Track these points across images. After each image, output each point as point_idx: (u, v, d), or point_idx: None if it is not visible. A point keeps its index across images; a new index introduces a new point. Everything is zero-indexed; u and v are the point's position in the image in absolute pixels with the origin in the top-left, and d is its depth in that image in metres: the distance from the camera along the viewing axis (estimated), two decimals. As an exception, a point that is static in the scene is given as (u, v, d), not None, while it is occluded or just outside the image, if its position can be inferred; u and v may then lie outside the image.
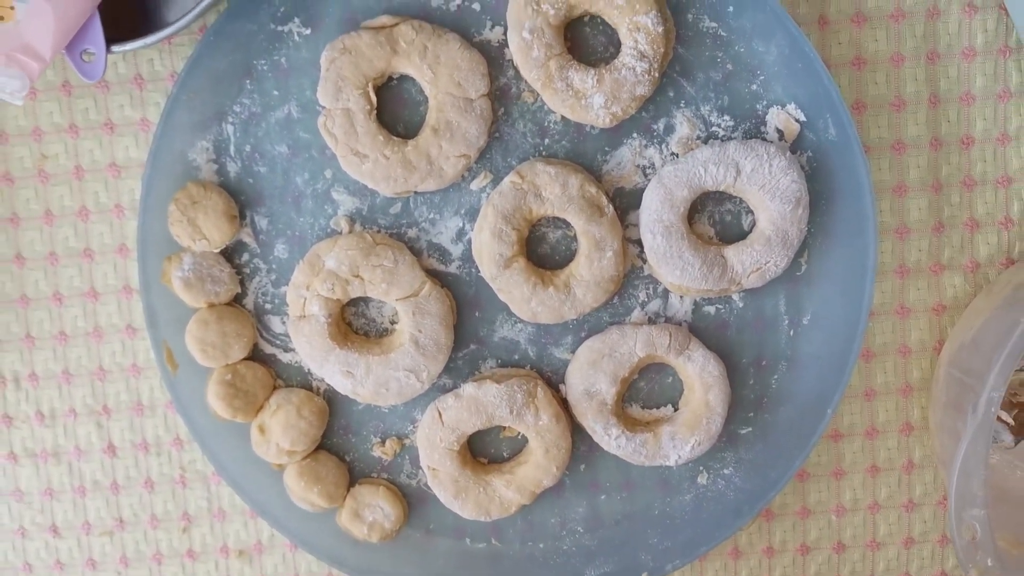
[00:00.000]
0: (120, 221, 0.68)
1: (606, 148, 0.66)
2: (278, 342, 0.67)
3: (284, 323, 0.67)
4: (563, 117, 0.65)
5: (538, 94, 0.65)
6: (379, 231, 0.66)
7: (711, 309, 0.67)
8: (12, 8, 0.58)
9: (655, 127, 0.66)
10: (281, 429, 0.66)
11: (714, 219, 0.66)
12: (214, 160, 0.65)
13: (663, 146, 0.66)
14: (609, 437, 0.66)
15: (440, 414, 0.66)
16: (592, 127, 0.66)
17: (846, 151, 0.65)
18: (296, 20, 0.64)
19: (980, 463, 0.57)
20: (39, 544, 0.70)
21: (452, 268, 0.67)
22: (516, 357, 0.67)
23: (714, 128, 0.66)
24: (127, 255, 0.68)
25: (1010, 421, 0.64)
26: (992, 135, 0.68)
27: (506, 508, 0.67)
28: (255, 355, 0.67)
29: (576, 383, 0.66)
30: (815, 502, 0.71)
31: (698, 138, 0.66)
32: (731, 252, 0.65)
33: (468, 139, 0.64)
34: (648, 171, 0.66)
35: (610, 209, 0.64)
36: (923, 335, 0.70)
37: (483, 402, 0.65)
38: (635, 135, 0.66)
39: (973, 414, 0.57)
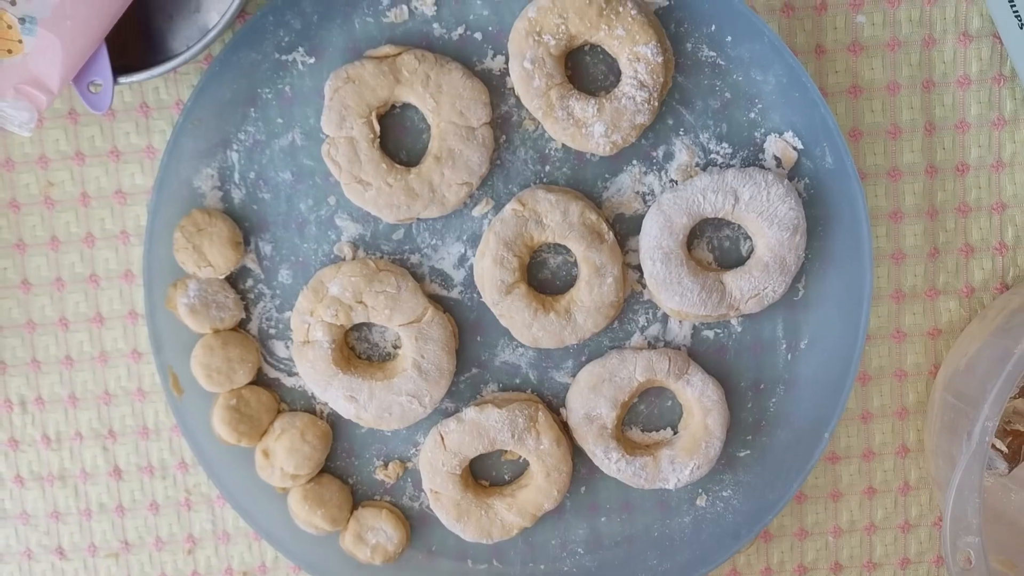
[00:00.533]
0: (126, 247, 0.69)
1: (606, 175, 0.67)
2: (282, 366, 0.68)
3: (288, 348, 0.68)
4: (564, 145, 0.66)
5: (539, 122, 0.66)
6: (382, 257, 0.67)
7: (710, 334, 0.68)
8: (20, 41, 0.59)
9: (655, 154, 0.67)
10: (285, 453, 0.66)
11: (713, 245, 0.67)
12: (219, 187, 0.66)
13: (662, 173, 0.67)
14: (609, 461, 0.67)
15: (442, 438, 0.66)
16: (592, 155, 0.66)
17: (843, 178, 0.65)
18: (300, 49, 0.65)
19: (974, 491, 0.58)
20: (45, 566, 0.71)
21: (454, 294, 0.68)
22: (517, 381, 0.68)
23: (713, 155, 0.66)
24: (132, 281, 0.69)
25: (1004, 449, 0.65)
26: (987, 162, 0.69)
27: (507, 531, 0.67)
28: (259, 379, 0.68)
29: (577, 407, 0.67)
30: (812, 523, 0.72)
31: (697, 165, 0.66)
32: (729, 278, 0.66)
33: (470, 167, 0.65)
34: (648, 198, 0.67)
35: (610, 236, 0.65)
36: (919, 359, 0.70)
37: (485, 426, 0.66)
38: (635, 162, 0.67)
39: (967, 441, 0.58)
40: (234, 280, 0.67)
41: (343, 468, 0.69)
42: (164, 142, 0.68)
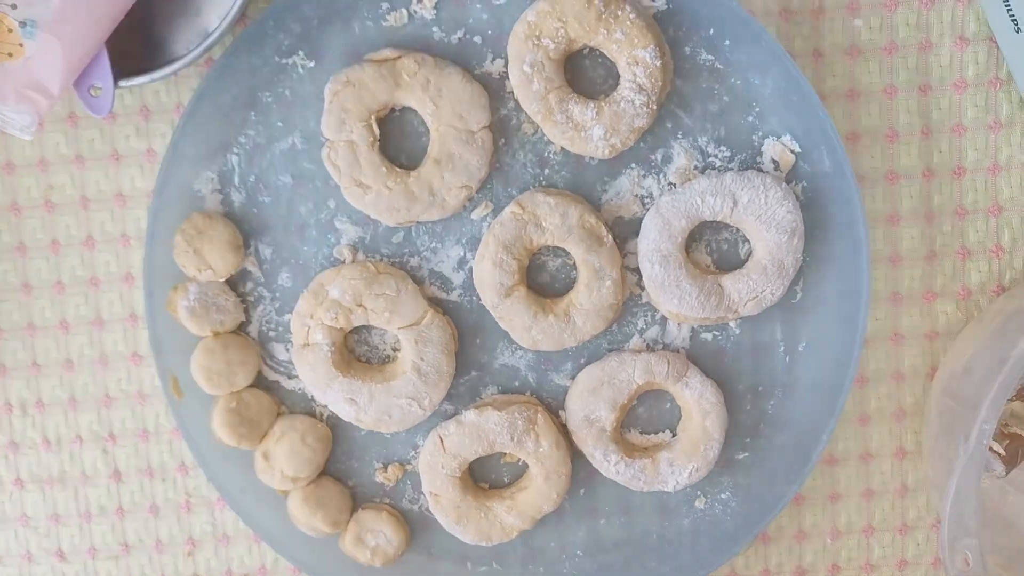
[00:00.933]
0: (126, 250, 0.69)
1: (605, 178, 0.67)
2: (282, 369, 0.68)
3: (288, 350, 0.68)
4: (563, 148, 0.66)
5: (538, 126, 0.66)
6: (382, 260, 0.67)
7: (708, 336, 0.68)
8: (21, 45, 0.59)
9: (653, 158, 0.67)
10: (285, 456, 0.66)
11: (711, 248, 0.68)
12: (219, 190, 0.66)
13: (661, 176, 0.67)
14: (608, 463, 0.67)
15: (442, 441, 0.67)
16: (591, 158, 0.67)
17: (840, 181, 0.66)
18: (300, 53, 0.65)
19: (972, 494, 0.58)
20: (46, 568, 0.71)
21: (453, 296, 0.68)
22: (516, 383, 0.68)
23: (711, 159, 0.67)
24: (133, 284, 0.69)
25: (1001, 451, 0.66)
26: (983, 165, 0.69)
27: (507, 533, 0.68)
28: (259, 382, 0.68)
29: (576, 410, 0.67)
30: (811, 525, 0.72)
31: (695, 168, 0.67)
32: (728, 281, 0.66)
33: (469, 170, 0.65)
34: (646, 201, 0.67)
35: (609, 239, 0.66)
36: (916, 361, 0.71)
37: (484, 429, 0.66)
38: (634, 166, 0.67)
39: (965, 444, 0.58)
40: (234, 283, 0.67)
41: (343, 471, 0.69)
42: (164, 145, 0.68)
